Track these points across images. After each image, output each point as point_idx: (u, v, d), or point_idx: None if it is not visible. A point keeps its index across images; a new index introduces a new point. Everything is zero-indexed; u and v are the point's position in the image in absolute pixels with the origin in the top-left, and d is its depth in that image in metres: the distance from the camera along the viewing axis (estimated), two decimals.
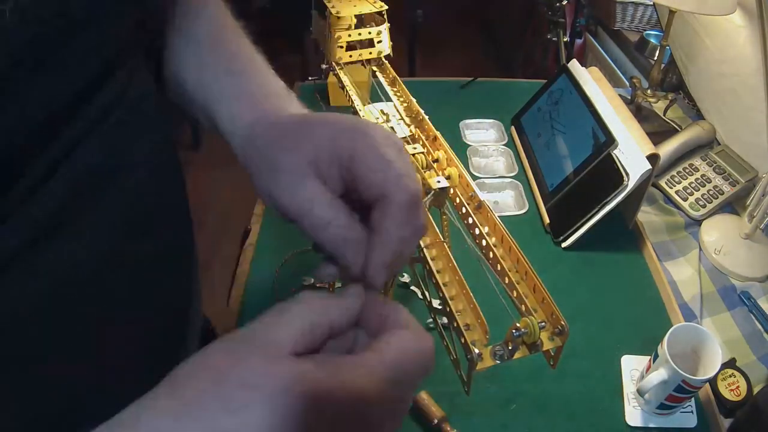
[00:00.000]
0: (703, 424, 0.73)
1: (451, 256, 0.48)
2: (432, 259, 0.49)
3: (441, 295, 0.47)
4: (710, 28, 1.14)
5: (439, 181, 0.52)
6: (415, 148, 0.57)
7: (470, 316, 0.45)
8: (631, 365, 0.78)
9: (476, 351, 0.42)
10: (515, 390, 0.75)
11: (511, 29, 3.02)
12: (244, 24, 0.58)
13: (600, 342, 0.82)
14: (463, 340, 0.43)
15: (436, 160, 0.57)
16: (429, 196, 0.52)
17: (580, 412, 0.73)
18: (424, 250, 0.50)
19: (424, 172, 0.54)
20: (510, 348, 0.43)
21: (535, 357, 0.46)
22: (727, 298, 0.89)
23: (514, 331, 0.42)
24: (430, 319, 0.62)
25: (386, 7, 0.73)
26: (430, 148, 0.60)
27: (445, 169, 0.56)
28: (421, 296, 0.82)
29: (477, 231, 0.52)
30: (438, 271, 0.48)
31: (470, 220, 0.53)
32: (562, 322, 0.44)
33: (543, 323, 0.45)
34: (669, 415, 0.73)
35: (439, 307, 0.48)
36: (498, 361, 0.43)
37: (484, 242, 0.51)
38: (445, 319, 0.47)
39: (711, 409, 0.74)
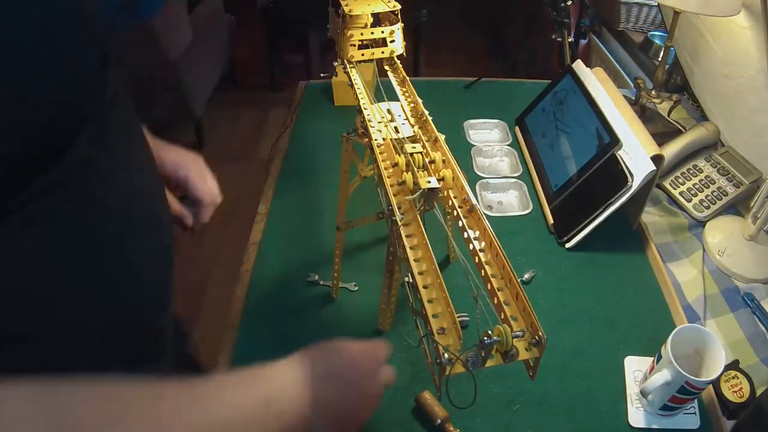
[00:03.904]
0: (706, 425, 0.73)
1: (434, 260, 0.48)
2: (416, 261, 0.49)
3: (419, 297, 0.47)
4: (715, 29, 1.14)
5: (429, 182, 0.52)
6: (414, 148, 0.58)
7: (447, 320, 0.45)
8: (634, 366, 0.78)
9: (446, 356, 0.42)
10: (518, 390, 0.75)
11: (515, 29, 3.02)
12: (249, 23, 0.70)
13: (603, 343, 0.82)
14: (434, 344, 0.43)
15: (433, 161, 0.57)
16: (418, 194, 0.52)
17: (583, 413, 0.73)
18: (408, 251, 0.50)
19: (418, 171, 0.54)
20: (483, 355, 0.43)
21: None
22: (731, 299, 0.89)
23: (485, 338, 0.42)
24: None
25: (399, 6, 0.73)
26: (429, 150, 0.60)
27: (440, 170, 0.56)
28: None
29: (466, 235, 0.52)
30: (420, 273, 0.48)
31: (460, 224, 0.53)
32: (540, 333, 0.43)
33: (521, 332, 0.44)
34: (672, 416, 0.73)
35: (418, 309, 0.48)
36: (470, 368, 0.43)
37: (471, 246, 0.51)
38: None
39: (714, 410, 0.74)
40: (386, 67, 0.77)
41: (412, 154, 0.56)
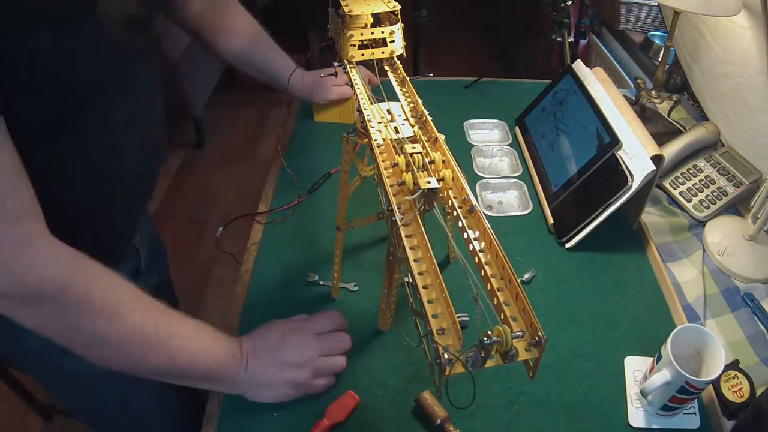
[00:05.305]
0: (706, 425, 0.73)
1: (434, 260, 0.48)
2: (416, 261, 0.49)
3: (419, 297, 0.47)
4: (715, 29, 1.14)
5: (429, 182, 0.52)
6: (414, 148, 0.58)
7: (447, 321, 0.45)
8: (634, 366, 0.78)
9: (445, 356, 0.42)
10: (518, 390, 0.75)
11: (515, 29, 3.02)
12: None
13: (603, 343, 0.82)
14: (434, 345, 0.43)
15: (432, 161, 0.57)
16: (418, 194, 0.52)
17: (583, 413, 0.73)
18: (408, 251, 0.50)
19: (418, 172, 0.54)
20: (482, 356, 0.43)
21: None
22: (731, 299, 0.89)
23: (485, 338, 0.42)
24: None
25: (399, 6, 0.73)
26: (429, 150, 0.60)
27: (440, 170, 0.56)
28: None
29: (466, 235, 0.52)
30: (420, 273, 0.48)
31: (460, 224, 0.53)
32: (540, 333, 0.43)
33: (520, 333, 0.44)
34: (672, 416, 0.73)
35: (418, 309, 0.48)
36: (470, 368, 0.43)
37: (471, 247, 0.51)
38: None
39: (714, 410, 0.74)
40: (386, 67, 0.76)
41: (412, 155, 0.56)
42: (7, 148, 0.50)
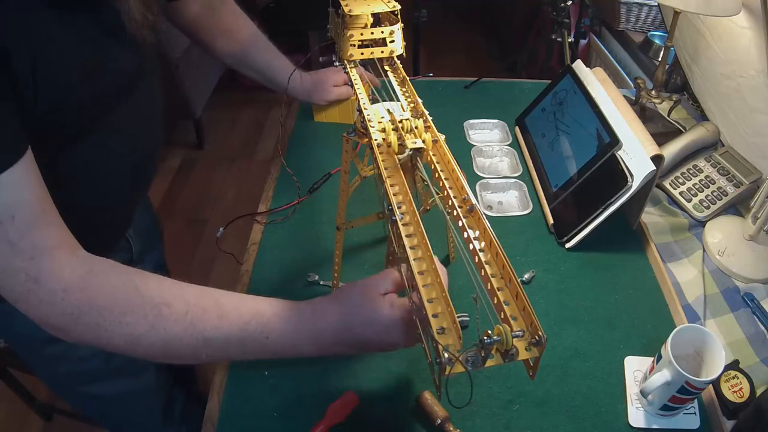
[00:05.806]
0: (706, 425, 0.73)
1: (434, 259, 0.48)
2: (416, 260, 0.49)
3: (419, 297, 0.47)
4: (715, 29, 1.14)
5: (415, 142, 0.56)
6: (402, 115, 0.60)
7: (447, 320, 0.45)
8: (634, 366, 0.78)
9: (446, 356, 0.42)
10: (518, 390, 0.75)
11: (515, 29, 3.02)
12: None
13: (603, 343, 0.82)
14: (434, 344, 0.43)
15: (417, 127, 0.60)
16: (406, 154, 0.57)
17: (583, 413, 0.73)
18: (409, 250, 0.50)
19: (405, 134, 0.57)
20: (483, 355, 0.43)
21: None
22: (731, 299, 0.89)
23: (485, 338, 0.42)
24: None
25: (399, 6, 0.73)
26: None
27: (421, 135, 0.59)
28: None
29: (466, 235, 0.52)
30: (420, 273, 0.48)
31: (460, 224, 0.53)
32: (540, 333, 0.43)
33: (521, 332, 0.44)
34: (672, 416, 0.73)
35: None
36: (470, 368, 0.43)
37: (471, 246, 0.51)
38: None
39: (714, 410, 0.74)
40: (386, 67, 0.76)
41: (401, 121, 0.59)
42: (30, 187, 0.51)
